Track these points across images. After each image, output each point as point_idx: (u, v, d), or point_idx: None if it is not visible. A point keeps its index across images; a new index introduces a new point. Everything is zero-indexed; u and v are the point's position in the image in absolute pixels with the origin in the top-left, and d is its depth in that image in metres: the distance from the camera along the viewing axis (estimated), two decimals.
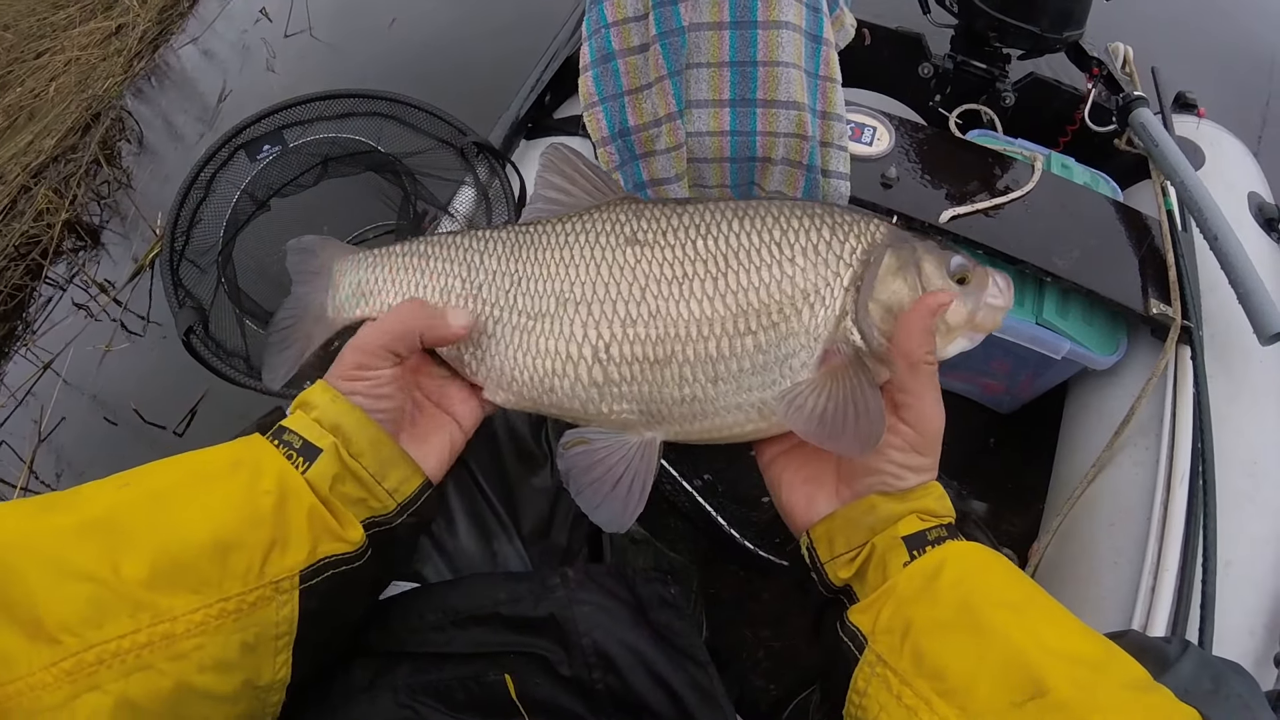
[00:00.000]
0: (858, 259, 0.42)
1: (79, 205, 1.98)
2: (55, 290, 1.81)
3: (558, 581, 0.44)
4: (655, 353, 0.42)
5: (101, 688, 0.29)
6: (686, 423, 0.43)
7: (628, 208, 0.45)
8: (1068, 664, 0.32)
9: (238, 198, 0.88)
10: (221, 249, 0.94)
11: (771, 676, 0.94)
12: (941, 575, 0.36)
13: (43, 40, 2.52)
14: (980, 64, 1.13)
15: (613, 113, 0.71)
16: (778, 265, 0.42)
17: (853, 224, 0.43)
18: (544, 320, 0.44)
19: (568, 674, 0.41)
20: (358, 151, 0.89)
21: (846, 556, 0.41)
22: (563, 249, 0.45)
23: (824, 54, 0.72)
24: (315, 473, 0.38)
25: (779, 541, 0.79)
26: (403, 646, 0.42)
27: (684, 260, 0.43)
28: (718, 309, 0.42)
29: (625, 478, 0.42)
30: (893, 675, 0.35)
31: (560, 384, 0.44)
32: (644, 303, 0.43)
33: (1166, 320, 0.89)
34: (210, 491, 0.36)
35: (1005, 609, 0.35)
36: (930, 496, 0.41)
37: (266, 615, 0.34)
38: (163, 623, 0.31)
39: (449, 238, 0.48)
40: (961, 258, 0.43)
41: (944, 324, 0.42)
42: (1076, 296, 0.93)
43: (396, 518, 0.41)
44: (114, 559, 0.31)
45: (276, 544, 0.35)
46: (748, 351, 0.42)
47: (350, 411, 0.40)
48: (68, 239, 1.92)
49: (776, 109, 0.69)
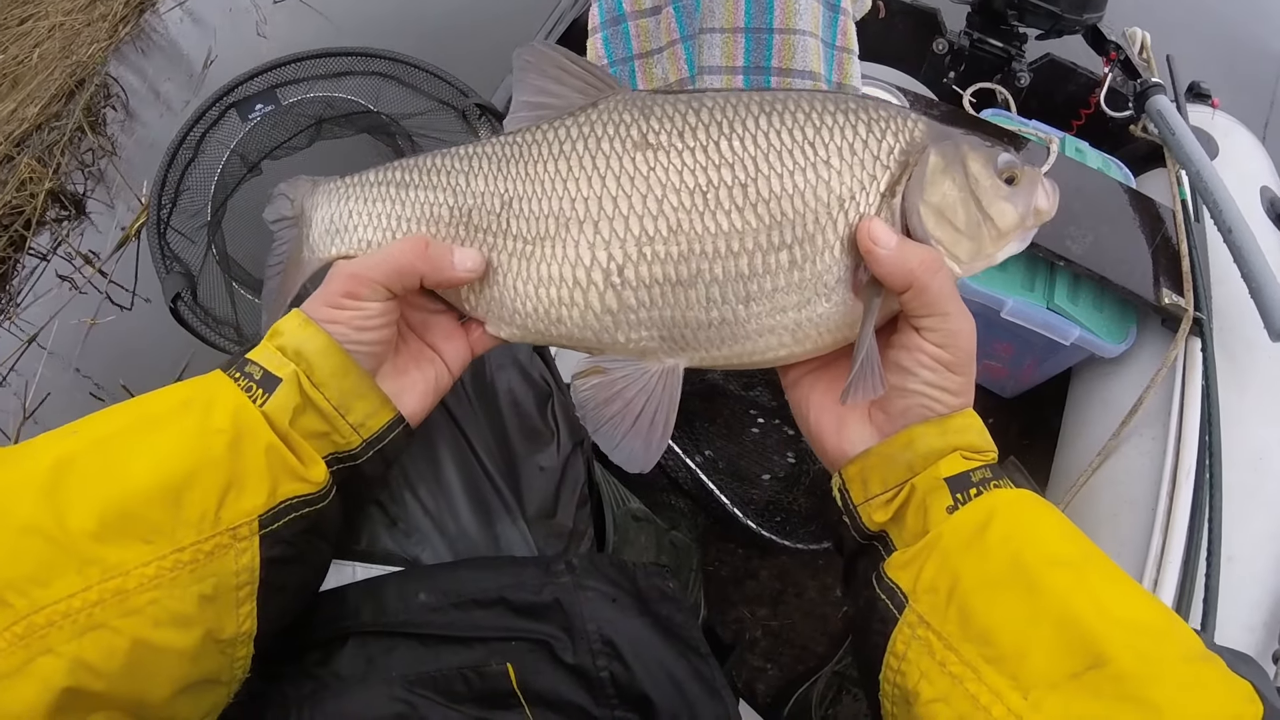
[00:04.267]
0: (895, 160, 0.38)
1: (63, 174, 1.92)
2: (39, 261, 1.76)
3: (562, 568, 0.42)
4: (678, 273, 0.38)
5: (54, 650, 0.28)
6: (713, 348, 0.39)
7: (632, 103, 0.39)
8: (1129, 632, 0.29)
9: (227, 158, 0.84)
10: (212, 214, 0.90)
11: (769, 656, 0.93)
12: (991, 528, 0.33)
13: (26, 6, 2.44)
14: (997, 42, 1.11)
15: (622, 77, 0.69)
16: (812, 168, 0.37)
17: (890, 120, 0.39)
18: (544, 244, 0.39)
19: (572, 661, 0.40)
20: (353, 112, 0.85)
21: (883, 498, 0.37)
22: (558, 159, 0.39)
23: (841, 24, 0.70)
24: (274, 405, 0.35)
25: (779, 520, 0.78)
26: (399, 628, 0.40)
27: (707, 165, 0.38)
28: (749, 220, 0.37)
29: (646, 411, 0.38)
30: (936, 639, 0.32)
31: (569, 314, 0.39)
32: (662, 216, 0.38)
33: (1178, 311, 0.88)
34: (158, 434, 0.33)
35: (1061, 567, 0.32)
36: (972, 429, 0.37)
37: (224, 564, 0.32)
38: (113, 578, 0.29)
39: (428, 159, 0.42)
40: (1009, 154, 0.39)
41: (993, 226, 0.39)
42: (1087, 282, 0.92)
43: (362, 454, 0.38)
44: (59, 511, 0.29)
45: (232, 486, 0.33)
46: (782, 267, 0.38)
47: (315, 336, 0.37)
48: (51, 209, 1.87)
49: (792, 77, 0.66)
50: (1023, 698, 0.29)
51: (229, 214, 0.96)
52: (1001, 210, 0.38)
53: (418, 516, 0.45)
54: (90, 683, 0.28)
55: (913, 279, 0.36)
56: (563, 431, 0.51)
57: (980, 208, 0.38)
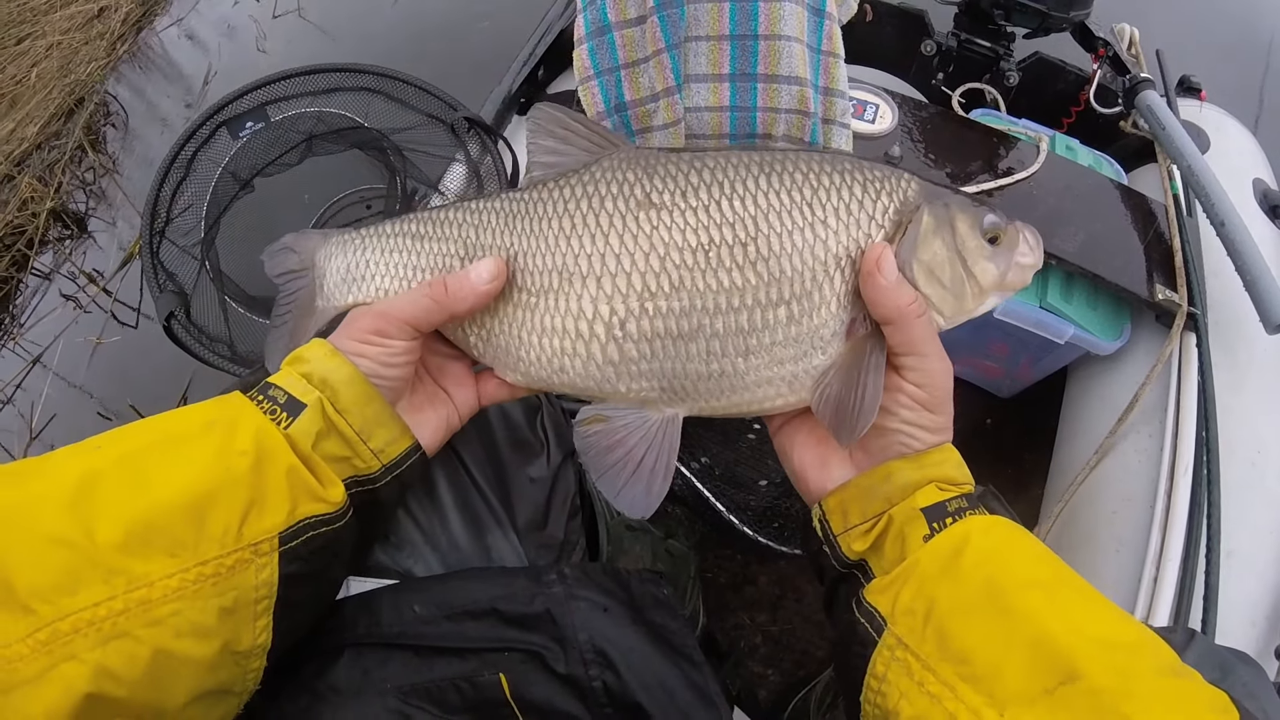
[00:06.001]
0: (890, 219, 0.40)
1: (64, 193, 1.93)
2: (42, 281, 1.78)
3: (554, 578, 0.43)
4: (679, 327, 0.39)
5: (78, 657, 0.29)
6: (712, 398, 0.41)
7: (635, 163, 0.41)
8: (1101, 648, 0.30)
9: (219, 177, 0.85)
10: (205, 233, 0.91)
11: (769, 662, 0.93)
12: (965, 553, 0.35)
13: (23, 25, 2.46)
14: (985, 42, 1.11)
15: (608, 87, 0.69)
16: (810, 228, 0.39)
17: (884, 180, 0.41)
18: (548, 297, 0.41)
19: (564, 671, 0.40)
20: (344, 128, 0.86)
21: (862, 528, 0.39)
22: (563, 217, 0.41)
23: (827, 28, 0.70)
24: (298, 429, 0.37)
25: (777, 526, 0.78)
26: (394, 639, 0.41)
27: (709, 224, 0.39)
28: (749, 278, 0.39)
29: (648, 459, 0.40)
30: (914, 660, 0.33)
31: (571, 364, 0.41)
32: (664, 273, 0.39)
33: (1172, 306, 0.88)
34: (183, 452, 0.34)
35: (1034, 589, 0.33)
36: (949, 463, 0.39)
37: (245, 579, 0.33)
38: (139, 589, 0.30)
39: (440, 212, 0.45)
40: (994, 215, 0.41)
41: (975, 284, 0.40)
42: (1080, 280, 0.92)
43: (381, 479, 0.40)
44: (87, 523, 0.30)
45: (254, 505, 0.34)
46: (780, 323, 0.39)
47: (342, 367, 0.39)
48: (53, 228, 1.88)
49: (778, 84, 0.66)
50: (999, 715, 0.30)
51: (222, 231, 0.97)
52: (984, 269, 0.40)
53: (409, 530, 0.45)
54: (112, 689, 0.29)
55: (900, 315, 0.38)
56: (552, 443, 0.52)
57: (965, 267, 0.40)
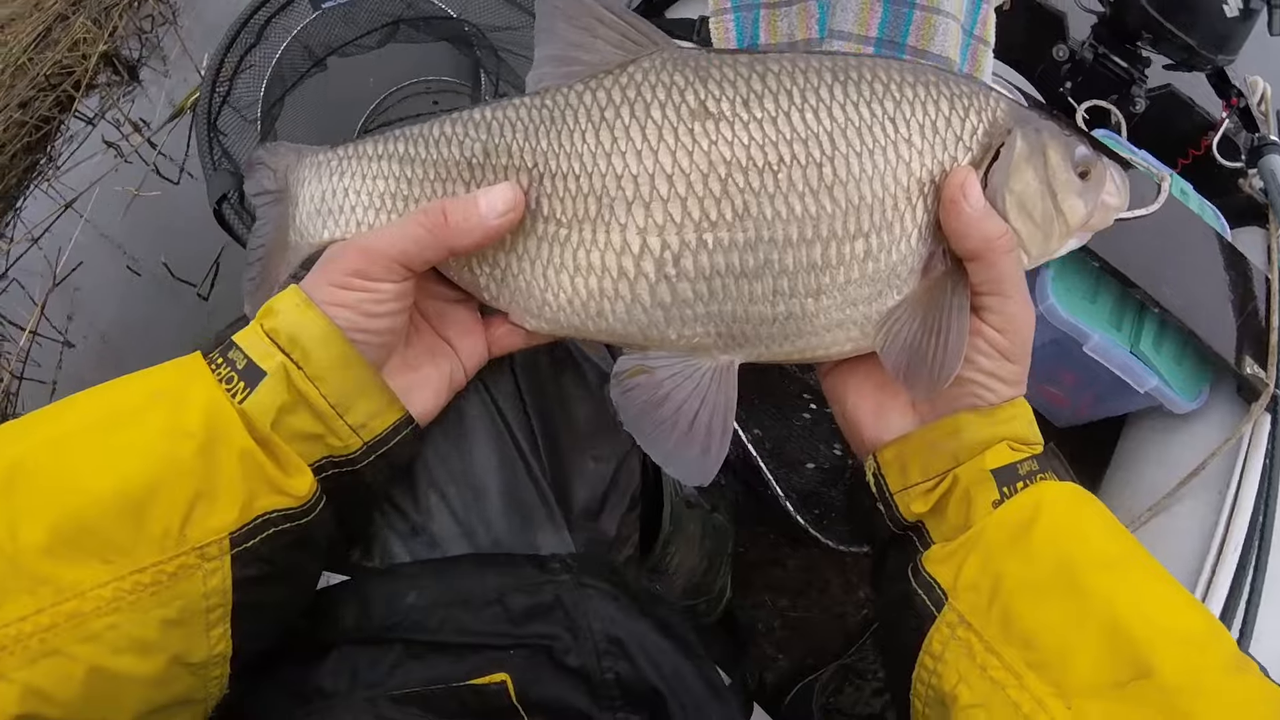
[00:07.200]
0: (978, 141, 0.35)
1: (119, 38, 1.86)
2: (85, 126, 1.72)
3: (559, 565, 0.39)
4: (743, 263, 0.34)
5: (5, 676, 0.25)
6: (774, 344, 0.36)
7: (684, 63, 0.34)
8: (1174, 642, 0.28)
9: (286, 45, 0.79)
10: (270, 107, 0.86)
11: (782, 646, 0.94)
12: (1037, 525, 0.32)
13: None
14: (1121, 61, 1.03)
15: (744, 24, 0.63)
16: (893, 147, 0.34)
17: (973, 97, 0.36)
18: (584, 227, 0.34)
19: (574, 664, 0.37)
20: (434, 16, 0.79)
21: (923, 487, 0.35)
22: (600, 128, 0.34)
23: (983, 12, 0.65)
24: (255, 403, 0.31)
25: (817, 513, 0.76)
26: (386, 633, 0.36)
27: (778, 140, 0.33)
28: (824, 205, 0.33)
29: (702, 414, 0.34)
30: (977, 640, 0.31)
31: (612, 307, 0.35)
32: (726, 199, 0.33)
33: (1259, 384, 0.84)
34: (121, 435, 0.29)
35: (1107, 570, 0.31)
36: (1021, 419, 0.35)
37: (191, 587, 0.29)
38: (68, 600, 0.26)
39: (436, 126, 0.36)
40: (1085, 147, 0.36)
41: (1064, 222, 0.36)
42: (1173, 333, 0.88)
43: (362, 459, 0.34)
44: (11, 522, 0.26)
45: (201, 499, 0.29)
46: (856, 258, 0.34)
47: (314, 321, 0.32)
48: (103, 72, 1.81)
49: (925, 61, 0.61)
50: (1065, 706, 0.28)
51: (285, 110, 0.92)
52: (1073, 206, 0.36)
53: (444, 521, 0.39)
54: (45, 710, 0.26)
55: (987, 248, 0.34)
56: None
57: (1055, 202, 0.36)
